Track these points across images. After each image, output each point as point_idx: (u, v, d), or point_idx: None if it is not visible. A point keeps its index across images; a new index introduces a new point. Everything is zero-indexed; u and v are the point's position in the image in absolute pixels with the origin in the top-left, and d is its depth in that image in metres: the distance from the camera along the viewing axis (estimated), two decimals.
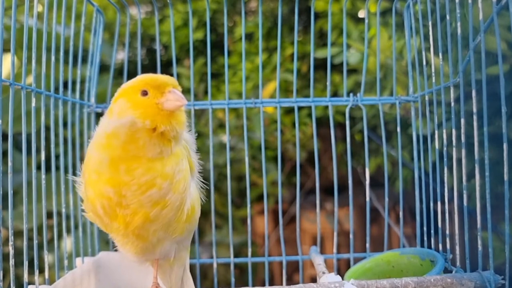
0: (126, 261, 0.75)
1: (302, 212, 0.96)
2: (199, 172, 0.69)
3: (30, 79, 0.70)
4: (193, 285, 0.77)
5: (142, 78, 0.60)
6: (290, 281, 0.83)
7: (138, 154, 0.57)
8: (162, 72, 0.92)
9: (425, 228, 0.83)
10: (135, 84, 0.60)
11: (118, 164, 0.57)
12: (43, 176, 0.71)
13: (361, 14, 1.53)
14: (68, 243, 1.16)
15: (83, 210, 0.65)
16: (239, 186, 1.73)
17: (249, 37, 1.81)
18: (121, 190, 0.57)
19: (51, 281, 0.71)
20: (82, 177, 0.63)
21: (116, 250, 0.68)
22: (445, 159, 0.76)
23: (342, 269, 1.09)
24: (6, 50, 0.66)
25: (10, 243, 0.63)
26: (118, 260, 0.82)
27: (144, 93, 0.58)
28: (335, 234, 0.90)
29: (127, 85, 0.61)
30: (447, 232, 0.74)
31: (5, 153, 0.65)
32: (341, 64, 0.96)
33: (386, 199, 0.92)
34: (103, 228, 0.64)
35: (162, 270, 0.71)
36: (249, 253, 0.92)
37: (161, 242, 0.63)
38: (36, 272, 0.66)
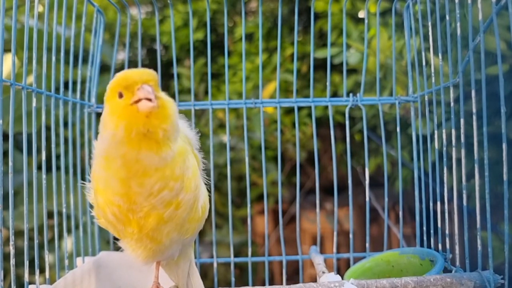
0: (127, 261, 0.75)
1: (302, 212, 0.97)
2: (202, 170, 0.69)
3: (31, 79, 0.70)
4: (199, 277, 0.77)
5: (115, 79, 0.56)
6: (290, 281, 0.83)
7: (143, 170, 0.55)
8: (162, 72, 0.93)
9: (424, 228, 0.83)
10: (112, 86, 0.56)
11: (128, 181, 0.55)
12: (44, 176, 0.71)
13: (361, 14, 1.53)
14: (68, 243, 1.16)
15: (93, 217, 0.65)
16: (239, 186, 1.73)
17: (249, 37, 1.82)
18: (131, 198, 0.56)
19: (52, 281, 0.71)
20: (91, 184, 0.62)
21: (117, 250, 0.68)
22: (444, 159, 0.76)
23: (342, 268, 1.10)
24: (7, 50, 0.66)
25: (11, 243, 0.63)
26: (119, 260, 0.82)
27: (120, 95, 0.54)
28: (335, 234, 0.90)
29: (108, 86, 0.57)
30: (447, 232, 0.74)
31: (5, 153, 0.65)
32: (341, 64, 0.96)
33: (386, 199, 0.92)
34: (116, 234, 0.63)
35: (168, 266, 0.71)
36: (249, 253, 0.92)
37: (172, 244, 0.63)
38: (37, 272, 0.67)
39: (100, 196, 0.59)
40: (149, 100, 0.52)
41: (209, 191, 0.69)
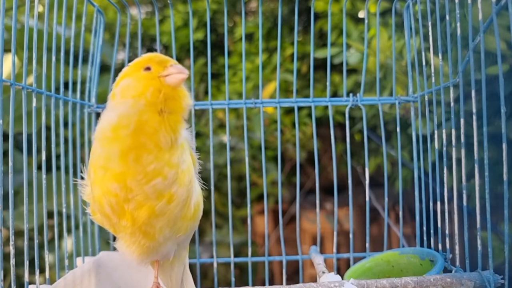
0: (127, 261, 0.75)
1: (302, 212, 0.97)
2: (198, 172, 0.69)
3: (31, 79, 0.70)
4: (193, 283, 0.77)
5: (144, 56, 0.60)
6: (290, 281, 0.83)
7: (148, 142, 0.56)
8: None
9: (424, 228, 0.83)
10: (138, 61, 0.60)
11: (127, 154, 0.56)
12: (44, 176, 0.71)
13: (361, 14, 1.53)
14: (68, 243, 1.16)
15: (89, 214, 0.65)
16: (239, 186, 1.73)
17: (249, 37, 1.82)
18: (127, 183, 0.57)
19: (52, 280, 0.72)
20: (88, 177, 0.63)
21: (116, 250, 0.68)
22: (444, 159, 0.76)
23: (342, 268, 1.10)
24: (7, 50, 0.66)
25: (11, 243, 0.63)
26: (119, 260, 0.82)
27: (147, 68, 0.58)
28: (335, 234, 0.90)
29: (129, 65, 0.61)
30: (447, 232, 0.74)
31: (5, 153, 0.65)
32: (341, 64, 0.96)
33: (386, 199, 0.92)
34: (111, 229, 0.64)
35: (162, 269, 0.71)
36: (249, 253, 0.92)
37: (166, 242, 0.63)
38: (37, 271, 0.67)
39: (97, 186, 0.59)
40: None
41: (209, 191, 0.70)
